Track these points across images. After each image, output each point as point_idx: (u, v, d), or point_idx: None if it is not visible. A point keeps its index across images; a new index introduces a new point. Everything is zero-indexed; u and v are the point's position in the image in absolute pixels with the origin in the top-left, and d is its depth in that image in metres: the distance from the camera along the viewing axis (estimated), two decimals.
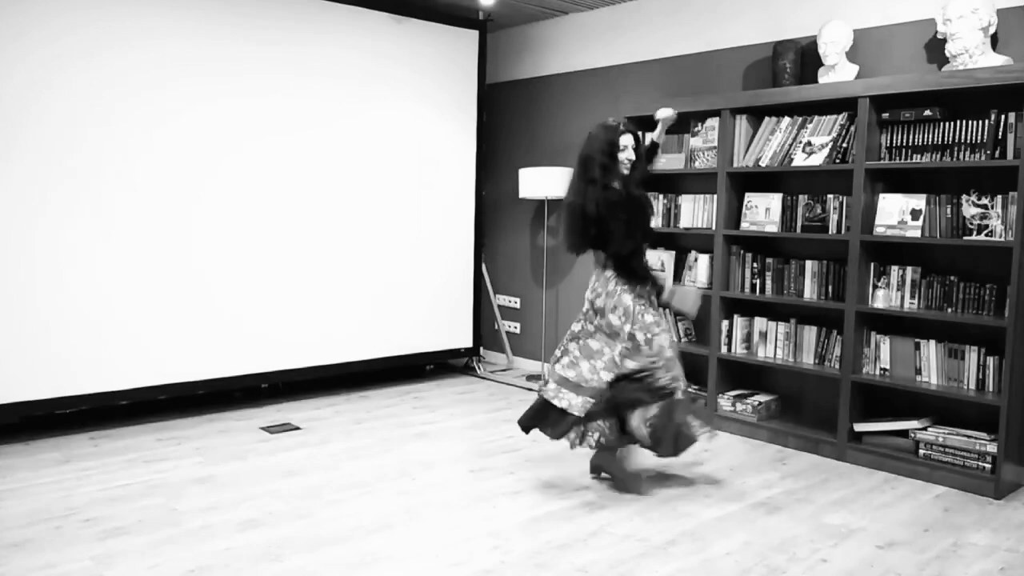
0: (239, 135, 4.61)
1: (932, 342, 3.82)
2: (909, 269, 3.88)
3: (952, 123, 3.72)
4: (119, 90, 4.17)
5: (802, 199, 4.24)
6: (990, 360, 3.65)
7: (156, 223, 4.35)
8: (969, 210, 3.65)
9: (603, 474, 3.67)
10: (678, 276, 4.84)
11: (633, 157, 3.49)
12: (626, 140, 3.46)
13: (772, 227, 4.35)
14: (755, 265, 4.46)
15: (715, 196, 4.55)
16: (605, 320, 3.45)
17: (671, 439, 3.39)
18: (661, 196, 4.86)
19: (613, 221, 3.37)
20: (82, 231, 4.11)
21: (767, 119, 4.40)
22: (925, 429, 3.79)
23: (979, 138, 3.64)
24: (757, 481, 3.71)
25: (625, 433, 3.47)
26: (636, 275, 3.44)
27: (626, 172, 3.48)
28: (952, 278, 3.75)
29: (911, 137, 3.86)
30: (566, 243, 3.55)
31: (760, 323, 4.47)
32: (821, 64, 4.25)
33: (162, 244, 4.37)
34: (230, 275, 4.63)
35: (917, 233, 3.80)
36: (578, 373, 3.44)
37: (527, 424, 3.53)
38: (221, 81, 4.51)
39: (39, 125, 3.95)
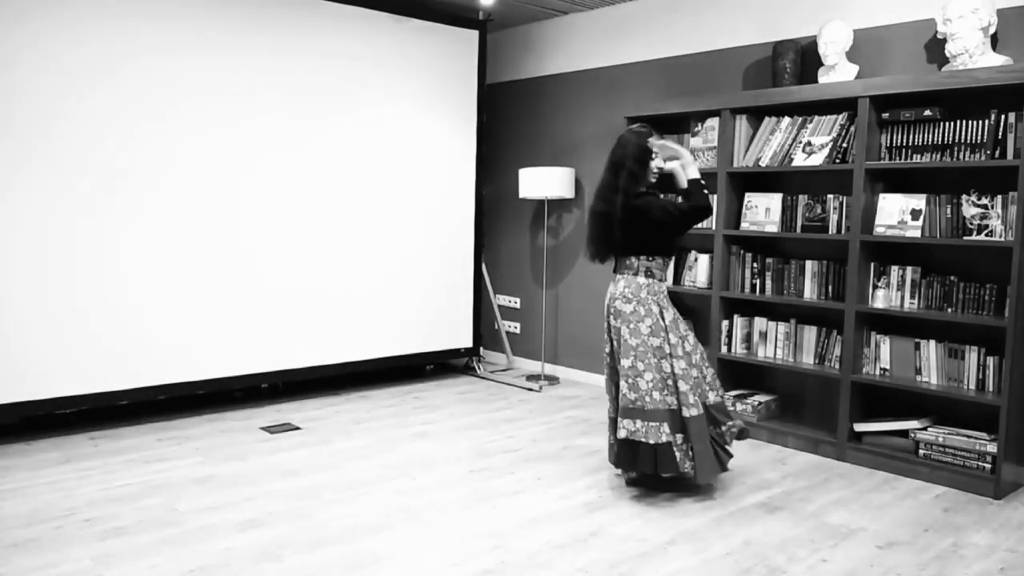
0: (239, 134, 4.61)
1: (932, 342, 3.82)
2: (909, 269, 3.88)
3: (952, 123, 3.72)
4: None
5: (802, 199, 4.24)
6: (990, 360, 3.65)
7: (154, 224, 4.35)
8: (969, 210, 3.65)
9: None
10: (678, 276, 4.84)
11: (663, 164, 3.50)
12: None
13: (772, 227, 4.36)
14: (755, 265, 4.46)
15: (715, 196, 4.54)
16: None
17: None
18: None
19: (654, 213, 3.37)
20: (83, 233, 4.11)
21: (767, 119, 4.40)
22: (925, 429, 3.79)
23: (979, 138, 3.64)
24: (757, 481, 3.71)
25: None
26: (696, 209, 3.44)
27: (654, 180, 3.49)
28: (952, 278, 3.75)
29: (911, 137, 3.86)
30: (588, 250, 3.53)
31: (760, 323, 4.47)
32: (821, 64, 4.25)
33: (161, 245, 4.37)
34: (230, 275, 4.63)
35: (917, 233, 3.79)
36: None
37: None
38: (222, 80, 4.51)
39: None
